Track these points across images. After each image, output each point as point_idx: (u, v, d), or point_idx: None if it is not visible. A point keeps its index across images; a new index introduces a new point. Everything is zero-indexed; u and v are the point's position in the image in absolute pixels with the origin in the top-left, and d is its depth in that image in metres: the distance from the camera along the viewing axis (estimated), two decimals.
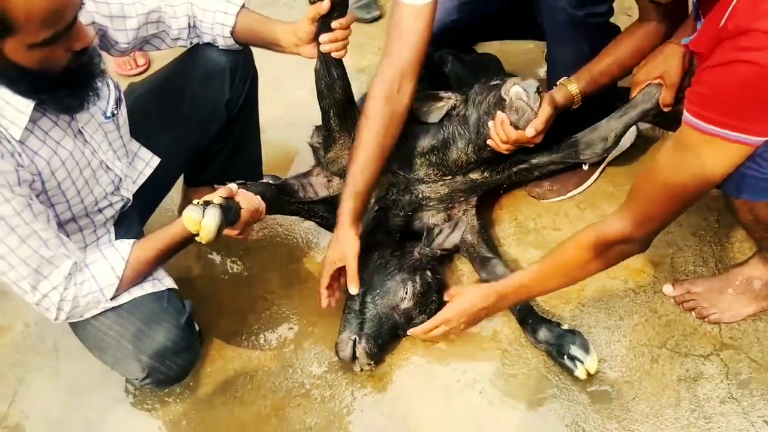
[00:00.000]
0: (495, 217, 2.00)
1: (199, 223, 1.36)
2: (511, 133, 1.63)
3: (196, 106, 1.77)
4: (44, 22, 1.14)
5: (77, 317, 1.43)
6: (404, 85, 1.62)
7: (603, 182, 2.00)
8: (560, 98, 1.67)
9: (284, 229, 2.11)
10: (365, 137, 1.61)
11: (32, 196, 1.33)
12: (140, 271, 1.47)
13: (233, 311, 1.90)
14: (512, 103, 1.61)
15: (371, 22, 2.79)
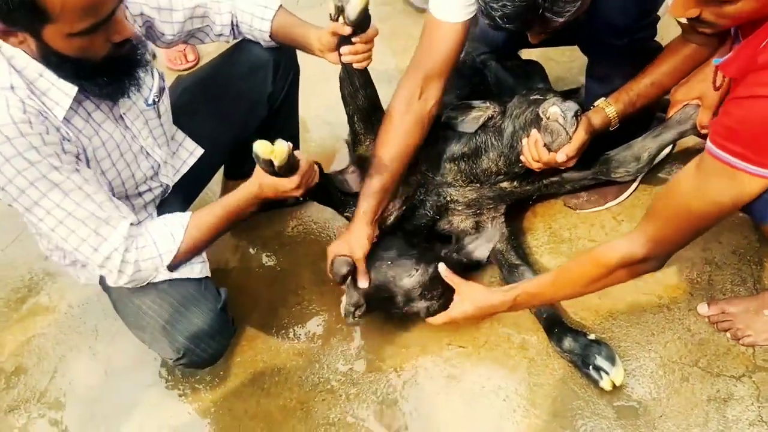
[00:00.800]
0: (529, 225, 1.99)
1: (271, 147, 1.35)
2: (543, 154, 1.62)
3: (239, 99, 1.83)
4: (80, 13, 1.17)
5: (138, 282, 1.46)
6: (428, 91, 1.63)
7: (641, 194, 1.97)
8: (598, 122, 1.65)
9: (318, 226, 2.14)
10: (386, 140, 1.64)
11: (79, 163, 1.37)
12: (199, 239, 1.49)
13: (265, 304, 1.94)
14: (548, 125, 1.59)
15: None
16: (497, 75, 2.06)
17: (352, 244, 1.62)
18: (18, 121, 1.24)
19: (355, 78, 1.67)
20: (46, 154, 1.28)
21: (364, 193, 1.64)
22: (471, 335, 1.76)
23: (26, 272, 2.10)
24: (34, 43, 1.23)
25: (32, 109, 1.27)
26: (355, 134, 1.82)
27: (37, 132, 1.27)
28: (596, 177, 1.83)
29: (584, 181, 1.86)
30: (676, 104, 1.69)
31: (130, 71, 1.38)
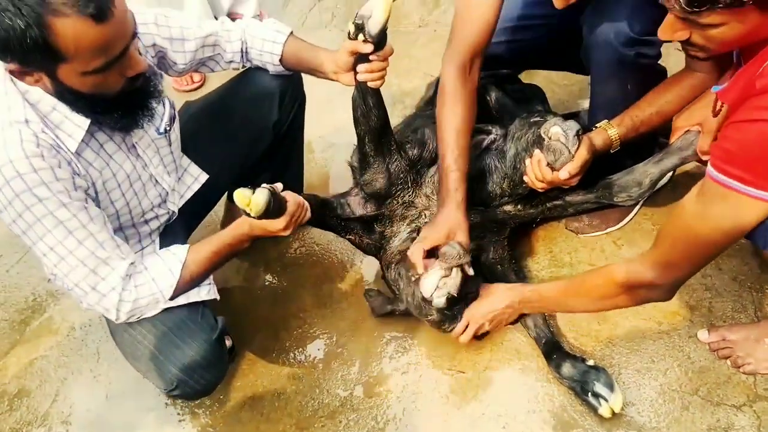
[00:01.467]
0: (530, 248, 1.99)
1: (249, 198, 1.37)
2: (547, 173, 1.63)
3: (245, 126, 1.85)
4: (94, 52, 1.20)
5: (138, 317, 1.48)
6: (474, 66, 1.71)
7: (642, 219, 1.97)
8: (599, 142, 1.66)
9: (321, 248, 2.15)
10: (453, 123, 1.66)
11: (88, 200, 1.40)
12: (196, 273, 1.51)
13: (267, 327, 1.95)
14: (550, 144, 1.60)
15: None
16: (498, 99, 2.07)
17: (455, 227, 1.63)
18: (31, 155, 1.26)
19: (369, 97, 1.69)
20: (56, 190, 1.30)
21: (454, 183, 1.64)
22: (471, 360, 1.76)
23: (30, 293, 2.11)
24: (49, 81, 1.26)
25: (45, 142, 1.29)
26: (364, 156, 1.83)
27: (48, 166, 1.29)
28: (599, 201, 1.83)
29: (587, 204, 1.87)
30: (678, 130, 1.70)
31: (144, 103, 1.40)
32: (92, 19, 1.16)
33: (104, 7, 1.17)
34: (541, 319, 1.74)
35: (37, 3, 1.13)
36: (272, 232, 1.51)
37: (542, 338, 1.71)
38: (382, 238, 1.87)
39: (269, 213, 1.42)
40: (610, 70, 1.71)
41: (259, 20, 1.77)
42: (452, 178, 1.65)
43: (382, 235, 1.87)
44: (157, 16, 1.59)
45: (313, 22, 3.16)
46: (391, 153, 1.80)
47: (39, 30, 1.14)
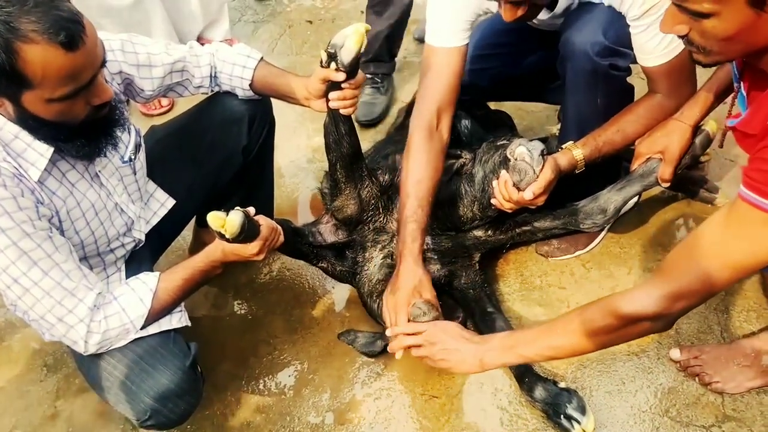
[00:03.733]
0: (501, 272, 2.01)
1: (223, 219, 1.36)
2: (513, 193, 1.64)
3: (213, 151, 1.83)
4: (61, 80, 1.18)
5: (107, 348, 1.44)
6: (442, 122, 1.73)
7: (610, 243, 2.00)
8: (564, 162, 1.68)
9: (291, 273, 2.13)
10: (416, 175, 1.67)
11: (52, 229, 1.36)
12: (168, 301, 1.49)
13: (236, 354, 1.91)
14: (515, 164, 1.62)
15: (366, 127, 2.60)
16: (467, 125, 2.11)
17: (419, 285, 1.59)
18: None
19: (341, 125, 1.70)
20: (19, 220, 1.27)
21: (411, 235, 1.62)
22: (444, 385, 1.75)
23: None
24: (12, 107, 1.23)
25: (7, 171, 1.26)
26: (335, 182, 1.83)
27: (11, 195, 1.25)
28: (566, 227, 1.88)
29: (554, 230, 1.91)
30: (640, 157, 1.75)
31: (109, 131, 1.38)
32: (62, 47, 1.15)
33: (75, 35, 1.16)
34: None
35: (7, 29, 1.12)
36: (245, 256, 1.50)
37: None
38: (355, 264, 1.87)
39: (243, 236, 1.41)
40: (584, 81, 1.73)
41: (228, 45, 1.77)
42: (409, 229, 1.63)
43: (355, 262, 1.87)
44: (124, 42, 1.57)
45: (283, 48, 3.17)
46: (363, 179, 1.81)
47: (7, 56, 1.12)
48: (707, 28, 1.10)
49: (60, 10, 1.15)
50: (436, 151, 1.71)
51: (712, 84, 1.62)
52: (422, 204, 1.65)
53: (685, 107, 1.67)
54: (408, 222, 1.63)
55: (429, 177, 1.68)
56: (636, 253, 1.96)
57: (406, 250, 1.62)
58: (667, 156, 1.68)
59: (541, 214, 1.90)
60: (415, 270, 1.60)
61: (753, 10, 1.05)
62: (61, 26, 1.14)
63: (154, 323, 1.49)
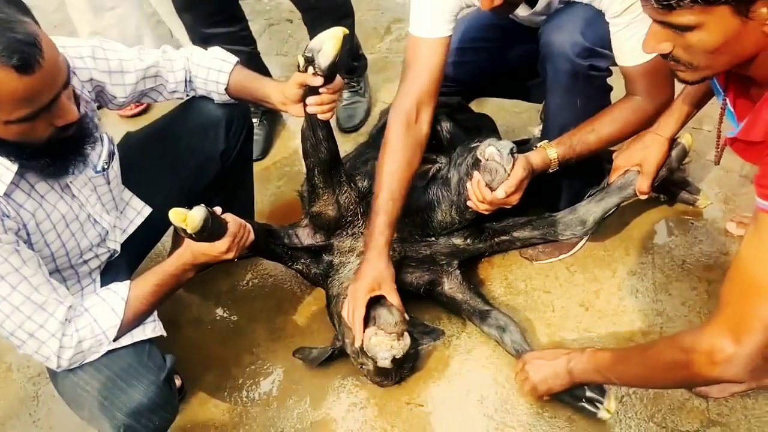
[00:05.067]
0: (485, 276, 1.99)
1: (185, 214, 1.34)
2: (486, 193, 1.61)
3: (190, 156, 1.80)
4: (16, 103, 1.15)
5: (80, 362, 1.41)
6: (422, 115, 1.70)
7: (594, 246, 2.00)
8: (537, 161, 1.66)
9: (274, 279, 2.10)
10: (391, 167, 1.66)
11: (20, 242, 1.32)
12: (140, 309, 1.46)
13: (218, 363, 1.88)
14: (486, 164, 1.60)
15: (350, 132, 2.56)
16: (449, 129, 2.08)
17: (380, 277, 1.60)
18: None
19: (319, 130, 1.67)
20: None
21: (380, 226, 1.62)
22: (429, 393, 1.73)
23: None
24: None
25: None
26: (313, 188, 1.80)
27: None
28: (544, 237, 1.89)
29: (533, 240, 1.92)
30: (618, 169, 1.76)
31: (77, 150, 1.35)
32: (16, 70, 1.11)
33: (30, 59, 1.12)
34: (519, 335, 1.73)
35: None
36: (215, 256, 1.48)
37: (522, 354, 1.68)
38: (330, 267, 1.85)
39: (208, 232, 1.40)
40: (564, 82, 1.71)
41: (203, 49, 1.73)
42: (378, 221, 1.63)
43: (331, 265, 1.85)
44: (95, 48, 1.53)
45: (263, 47, 3.11)
46: (341, 185, 1.79)
47: None
48: (693, 41, 1.08)
49: (15, 32, 1.11)
50: (412, 143, 1.69)
51: (686, 95, 1.63)
52: (394, 196, 1.64)
53: (661, 119, 1.68)
54: (378, 213, 1.63)
55: (403, 169, 1.66)
56: (620, 255, 1.96)
57: (372, 242, 1.63)
58: (644, 168, 1.71)
59: (520, 224, 1.90)
60: (378, 262, 1.61)
61: (738, 18, 1.03)
62: (14, 49, 1.10)
63: (127, 334, 1.46)
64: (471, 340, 1.83)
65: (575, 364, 1.46)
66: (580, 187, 1.90)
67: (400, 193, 1.65)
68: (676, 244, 1.95)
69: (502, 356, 1.77)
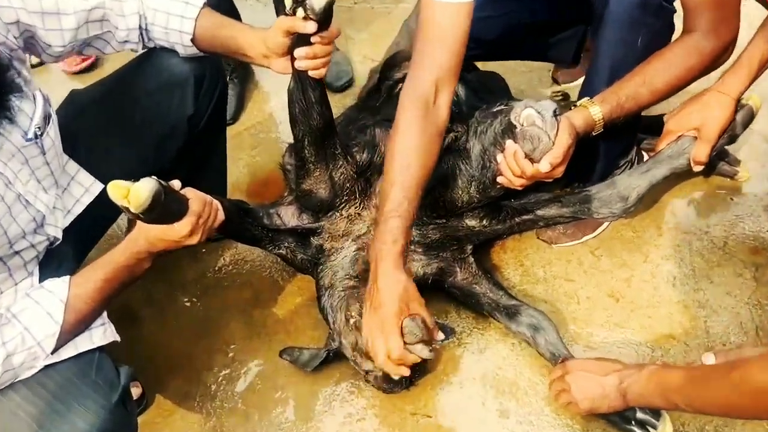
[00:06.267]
0: (498, 261, 1.73)
1: (127, 188, 1.06)
2: (526, 166, 1.37)
3: (152, 121, 1.51)
4: None
5: (10, 380, 1.14)
6: (441, 96, 1.37)
7: (621, 226, 1.75)
8: (580, 122, 1.41)
9: (251, 265, 1.83)
10: (405, 160, 1.32)
11: None
12: (85, 312, 1.21)
13: (186, 367, 1.62)
14: (524, 131, 1.35)
15: (341, 91, 2.28)
16: (457, 91, 1.79)
17: (407, 297, 1.26)
18: None
19: (310, 90, 1.39)
20: None
21: (396, 232, 1.27)
22: (438, 401, 1.49)
23: None
24: None
25: None
26: (302, 162, 1.52)
27: None
28: (575, 216, 1.63)
29: (560, 219, 1.66)
30: (669, 135, 1.52)
31: None
32: None
33: None
34: (555, 335, 1.47)
35: None
36: (176, 241, 1.23)
37: (558, 358, 1.44)
38: (320, 253, 1.58)
39: (160, 211, 1.13)
40: (630, 12, 1.43)
41: None
42: (391, 226, 1.28)
43: (321, 250, 1.58)
44: None
45: None
46: (336, 158, 1.50)
47: None
48: None
49: None
50: (431, 131, 1.36)
51: (753, 52, 1.40)
52: (409, 196, 1.31)
53: (726, 75, 1.44)
54: (390, 217, 1.29)
55: (421, 164, 1.33)
56: (651, 237, 1.71)
57: (385, 252, 1.27)
58: (703, 133, 1.46)
59: (546, 200, 1.65)
60: (398, 277, 1.27)
61: None
62: None
63: (70, 344, 1.19)
64: (484, 338, 1.58)
65: (631, 385, 1.21)
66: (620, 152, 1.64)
67: (416, 192, 1.32)
68: (715, 224, 1.71)
69: (523, 355, 1.53)
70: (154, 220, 1.17)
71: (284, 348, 1.56)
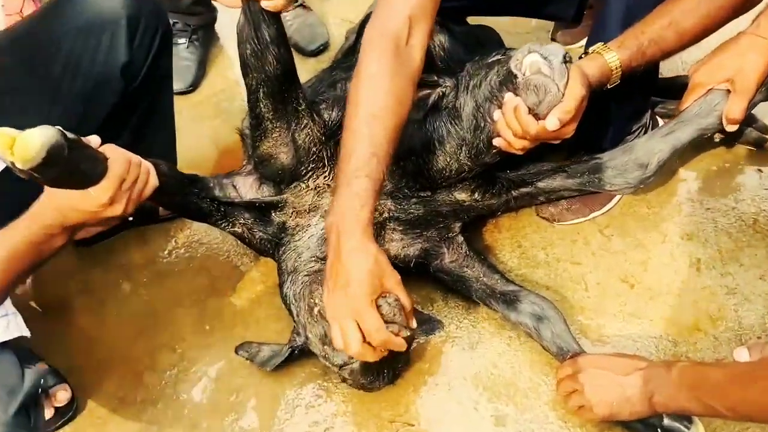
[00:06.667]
0: (492, 242, 1.50)
1: (12, 137, 0.84)
2: (529, 123, 1.13)
3: (77, 71, 1.29)
4: None
5: None
6: (415, 35, 1.14)
7: (634, 201, 1.52)
8: (594, 72, 1.17)
9: (209, 248, 1.59)
10: (372, 107, 1.07)
11: None
12: None
13: (125, 367, 1.40)
14: (528, 81, 1.11)
15: (316, 55, 2.03)
16: (443, 44, 1.56)
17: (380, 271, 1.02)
18: None
19: (264, 27, 1.16)
20: None
21: (355, 194, 1.03)
22: (421, 406, 1.26)
23: None
24: None
25: None
26: (258, 120, 1.29)
27: None
28: (582, 188, 1.41)
29: (564, 192, 1.44)
30: (697, 88, 1.30)
31: None
32: None
33: None
34: (563, 325, 1.25)
35: None
36: (93, 212, 1.01)
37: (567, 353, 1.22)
38: (283, 232, 1.35)
39: (65, 170, 0.90)
40: None
41: None
42: (357, 188, 1.02)
43: (283, 228, 1.35)
44: None
45: None
46: (299, 116, 1.27)
47: None
48: None
49: None
50: (404, 74, 1.13)
51: None
52: (379, 153, 1.06)
53: (761, 18, 1.21)
54: (355, 177, 1.04)
55: (393, 112, 1.09)
56: (669, 214, 1.48)
57: (351, 220, 1.02)
58: (738, 85, 1.23)
59: (548, 171, 1.42)
60: (368, 249, 1.02)
61: None
62: None
63: None
64: (477, 331, 1.35)
65: (659, 387, 0.99)
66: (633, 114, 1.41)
67: (388, 148, 1.08)
68: (742, 198, 1.48)
69: (523, 351, 1.31)
70: (57, 181, 0.93)
71: (241, 343, 1.33)
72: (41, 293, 1.15)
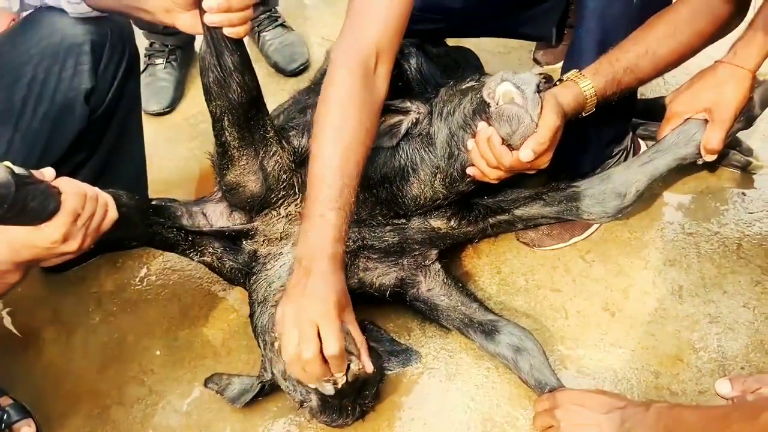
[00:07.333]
0: (470, 269, 1.46)
1: None
2: (503, 155, 1.11)
3: (40, 98, 1.27)
4: None
5: None
6: (381, 66, 1.13)
7: (616, 225, 1.49)
8: (569, 101, 1.15)
9: (181, 275, 1.55)
10: (346, 138, 1.05)
11: None
12: None
13: (92, 400, 1.35)
14: (501, 110, 1.09)
15: (296, 75, 2.01)
16: (419, 67, 1.53)
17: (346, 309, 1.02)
18: None
19: (226, 55, 1.12)
20: None
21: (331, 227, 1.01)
22: None
23: None
24: None
25: None
26: (224, 147, 1.24)
27: None
28: (560, 216, 1.39)
29: (542, 220, 1.42)
30: (674, 118, 1.28)
31: None
32: None
33: None
34: (541, 358, 1.21)
35: None
36: (47, 248, 0.96)
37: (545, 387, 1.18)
38: (254, 260, 1.31)
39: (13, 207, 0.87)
40: None
41: None
42: (334, 221, 1.01)
43: (254, 257, 1.31)
44: None
45: None
46: (267, 143, 1.23)
47: None
48: None
49: None
50: (372, 102, 1.11)
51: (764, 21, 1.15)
52: (349, 183, 1.04)
53: (738, 46, 1.19)
54: (329, 209, 1.01)
55: (362, 143, 1.07)
56: (651, 239, 1.45)
57: (325, 251, 1.00)
58: (716, 115, 1.21)
59: (525, 198, 1.40)
60: (340, 275, 1.01)
61: None
62: None
63: None
64: (454, 361, 1.31)
65: (634, 426, 0.96)
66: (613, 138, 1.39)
67: (357, 177, 1.06)
68: (725, 223, 1.46)
69: (501, 383, 1.27)
70: (6, 220, 0.89)
71: (211, 375, 1.29)
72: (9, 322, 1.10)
